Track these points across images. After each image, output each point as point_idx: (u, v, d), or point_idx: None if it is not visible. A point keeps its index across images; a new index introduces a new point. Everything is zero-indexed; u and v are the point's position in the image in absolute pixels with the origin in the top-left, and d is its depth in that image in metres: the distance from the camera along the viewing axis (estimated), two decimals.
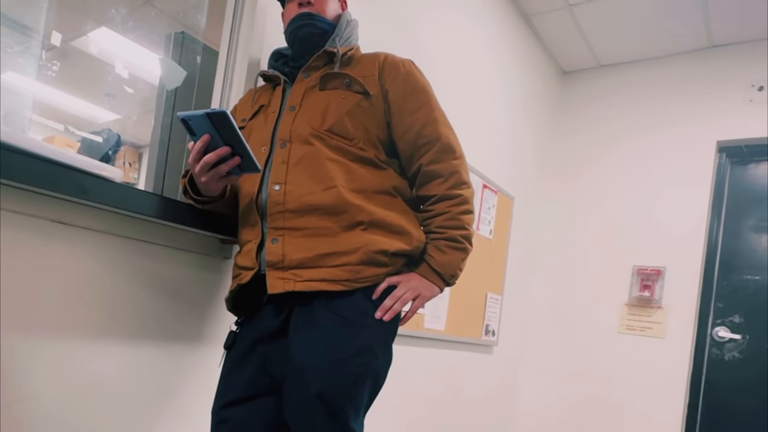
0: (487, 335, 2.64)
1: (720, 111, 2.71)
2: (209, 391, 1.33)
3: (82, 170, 0.96)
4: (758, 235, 2.64)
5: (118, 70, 2.72)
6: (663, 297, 2.74)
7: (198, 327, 1.31)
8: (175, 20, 2.22)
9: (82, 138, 1.28)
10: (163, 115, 1.58)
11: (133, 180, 2.94)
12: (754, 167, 2.72)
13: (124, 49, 2.63)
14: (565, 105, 3.23)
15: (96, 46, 2.56)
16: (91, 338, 1.10)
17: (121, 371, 1.16)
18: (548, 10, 2.66)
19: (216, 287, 1.34)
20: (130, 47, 2.61)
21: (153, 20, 2.26)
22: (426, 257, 1.09)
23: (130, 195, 1.03)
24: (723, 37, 2.69)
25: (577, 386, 2.92)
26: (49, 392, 1.04)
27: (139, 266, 1.18)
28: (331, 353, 0.96)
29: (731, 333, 2.63)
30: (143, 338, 1.19)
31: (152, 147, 1.59)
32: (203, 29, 1.78)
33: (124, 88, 2.96)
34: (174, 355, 1.26)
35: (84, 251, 1.08)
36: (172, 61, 1.59)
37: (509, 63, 2.68)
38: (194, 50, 1.66)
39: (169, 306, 1.24)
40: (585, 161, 3.09)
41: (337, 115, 1.07)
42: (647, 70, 2.96)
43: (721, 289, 2.70)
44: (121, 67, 2.75)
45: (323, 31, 1.14)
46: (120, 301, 1.14)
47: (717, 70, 2.75)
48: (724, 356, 2.64)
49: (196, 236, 1.27)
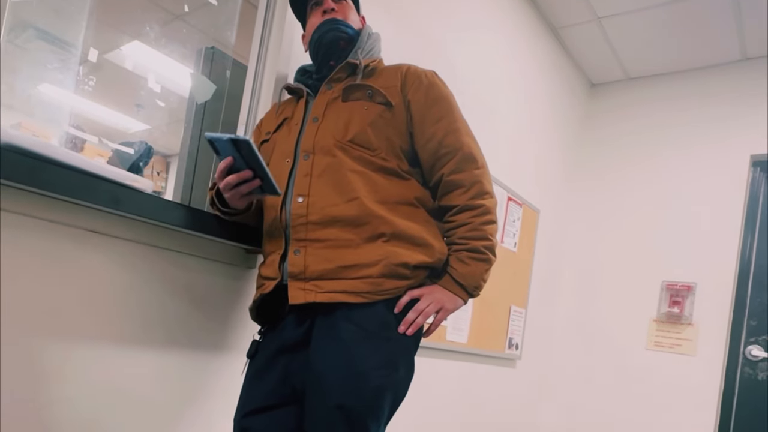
0: (510, 349, 2.60)
1: (754, 124, 2.64)
2: (233, 397, 1.35)
3: (115, 182, 1.00)
4: None
5: (149, 82, 2.81)
6: (693, 313, 2.66)
7: (222, 335, 1.33)
8: (205, 35, 2.29)
9: (114, 149, 1.33)
10: (192, 128, 1.62)
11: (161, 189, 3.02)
12: None
13: (156, 62, 2.72)
14: (593, 117, 3.19)
15: (129, 60, 2.65)
16: (120, 344, 1.13)
17: (148, 377, 1.18)
18: (577, 23, 2.64)
19: (240, 296, 1.37)
20: (161, 60, 2.69)
21: (184, 35, 2.34)
22: (449, 269, 1.08)
23: (160, 206, 1.06)
24: (757, 50, 2.62)
25: (602, 403, 2.85)
26: (79, 396, 1.08)
27: (167, 274, 1.21)
28: (352, 365, 0.97)
29: (765, 352, 2.54)
30: (170, 345, 1.22)
31: (181, 158, 1.64)
32: (233, 44, 1.83)
33: (154, 100, 3.05)
34: (199, 361, 1.28)
35: (115, 260, 1.11)
36: (202, 75, 1.63)
37: (537, 75, 2.67)
38: (224, 65, 1.71)
39: (194, 314, 1.26)
40: (612, 174, 3.04)
41: (360, 126, 1.07)
42: (677, 83, 2.90)
43: (755, 307, 2.61)
44: (152, 79, 2.84)
45: (349, 36, 1.16)
46: (148, 308, 1.17)
47: (750, 82, 2.68)
48: (757, 376, 2.55)
49: (222, 246, 1.30)
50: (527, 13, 2.55)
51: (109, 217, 1.09)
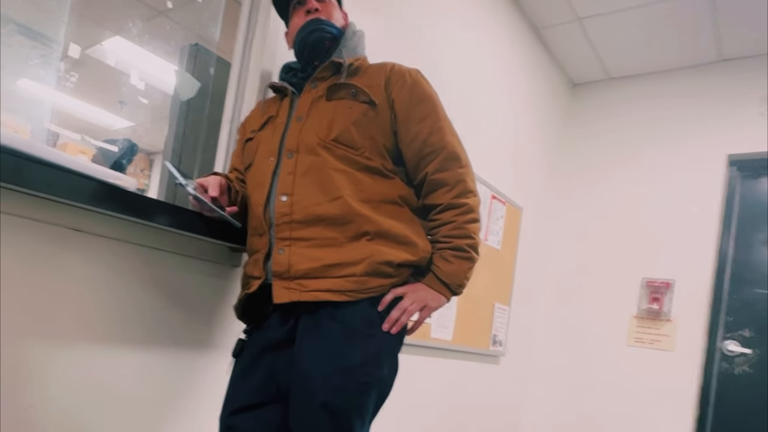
0: (494, 345, 2.63)
1: (731, 124, 2.70)
2: (217, 396, 1.35)
3: (98, 180, 0.99)
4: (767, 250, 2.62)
5: (132, 78, 2.78)
6: (672, 310, 2.72)
7: (206, 334, 1.33)
8: (189, 31, 2.27)
9: (98, 147, 1.31)
10: (176, 125, 1.61)
11: (144, 186, 2.99)
12: (765, 180, 2.70)
13: (139, 59, 2.68)
14: (574, 117, 3.23)
15: (112, 56, 2.62)
16: (104, 343, 1.13)
17: (132, 376, 1.18)
18: (558, 23, 2.68)
19: (224, 295, 1.37)
20: (144, 57, 2.66)
21: (168, 32, 2.31)
22: (432, 267, 1.09)
23: (143, 204, 1.05)
24: (733, 51, 2.68)
25: (584, 398, 2.90)
26: (63, 396, 1.07)
27: (151, 273, 1.20)
28: (336, 363, 0.97)
29: (741, 347, 2.60)
30: (154, 344, 1.22)
31: (165, 155, 1.63)
32: (217, 41, 1.82)
33: (137, 96, 3.01)
34: (184, 360, 1.28)
35: (98, 258, 1.11)
36: (186, 72, 1.63)
37: (520, 75, 2.70)
38: (208, 61, 1.70)
39: (178, 313, 1.26)
40: (594, 173, 3.09)
41: (343, 125, 1.08)
42: (657, 83, 2.96)
43: (732, 303, 2.67)
44: (135, 76, 2.80)
45: (333, 35, 1.16)
46: (131, 306, 1.17)
47: (728, 83, 2.74)
48: (733, 370, 2.61)
49: (206, 244, 1.30)
50: (510, 13, 2.58)
51: (92, 216, 1.09)
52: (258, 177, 1.13)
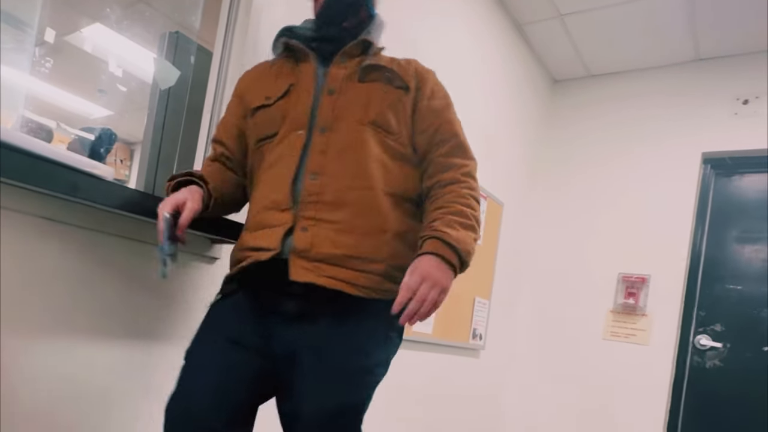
0: (474, 339, 2.66)
1: (706, 123, 2.77)
2: None
3: (74, 168, 0.97)
4: (741, 245, 2.69)
5: (111, 66, 2.72)
6: (647, 305, 2.78)
7: (185, 325, 1.32)
8: (169, 19, 2.23)
9: (74, 135, 1.28)
10: (156, 114, 1.58)
11: (125, 177, 2.93)
12: (738, 179, 2.77)
13: (118, 46, 2.63)
14: (555, 113, 3.27)
15: (90, 43, 2.56)
16: (79, 335, 1.11)
17: (109, 368, 1.16)
18: (540, 19, 2.70)
19: (204, 287, 1.35)
20: (124, 44, 2.61)
21: (148, 19, 2.27)
22: (438, 234, 1.00)
23: (120, 193, 1.04)
24: (710, 51, 2.74)
25: (562, 391, 2.95)
26: (37, 389, 1.05)
27: (128, 264, 1.18)
28: (362, 360, 1.00)
29: (713, 341, 2.68)
30: (130, 336, 1.20)
31: (144, 145, 1.60)
32: (198, 29, 1.79)
33: (117, 85, 2.95)
34: (161, 352, 1.27)
35: (73, 248, 1.09)
36: (166, 60, 1.60)
37: (502, 70, 2.72)
38: (188, 50, 1.67)
39: (156, 304, 1.25)
40: (574, 169, 3.13)
41: (380, 108, 1.06)
42: (636, 81, 3.01)
43: (704, 298, 2.74)
44: (114, 64, 2.75)
45: (369, 12, 1.14)
46: (107, 298, 1.15)
47: (704, 82, 2.80)
48: (705, 364, 2.69)
49: (187, 236, 1.28)
50: (492, 9, 2.59)
51: (68, 205, 1.06)
52: (283, 149, 1.06)
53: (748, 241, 2.68)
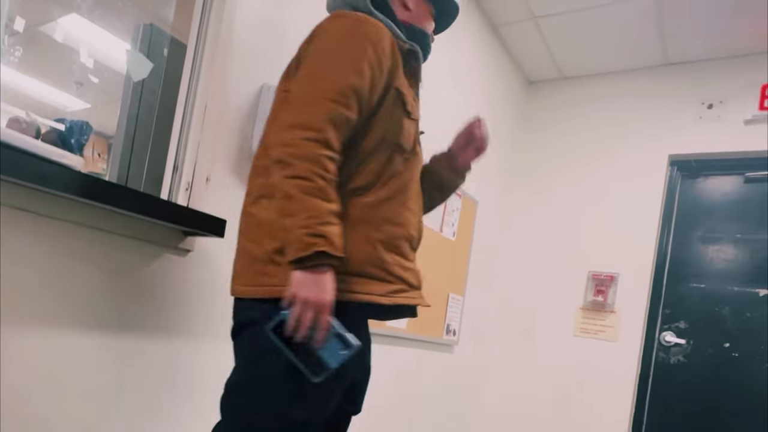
0: (448, 335, 2.70)
1: (673, 126, 2.85)
2: (169, 380, 1.35)
3: (42, 157, 0.97)
4: (704, 246, 2.79)
5: (88, 58, 2.68)
6: (616, 302, 2.86)
7: (157, 318, 1.32)
8: (142, 11, 2.20)
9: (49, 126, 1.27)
10: (129, 106, 1.58)
11: (102, 171, 2.89)
12: (702, 181, 2.87)
13: (94, 37, 2.59)
14: (530, 114, 3.33)
15: (65, 34, 2.51)
16: (51, 327, 1.10)
17: (80, 361, 1.16)
18: (515, 21, 2.75)
19: (176, 279, 1.36)
20: (99, 35, 2.57)
21: (120, 9, 2.24)
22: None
23: (90, 184, 1.04)
24: (678, 56, 2.83)
25: (534, 386, 3.01)
26: (11, 383, 1.04)
27: (100, 256, 1.18)
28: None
29: (677, 338, 2.77)
30: (103, 329, 1.20)
31: (117, 137, 1.59)
32: (171, 21, 1.78)
33: (94, 77, 2.91)
34: (134, 345, 1.27)
35: (44, 240, 1.08)
36: (139, 52, 1.59)
37: (476, 71, 2.76)
38: (162, 42, 1.66)
39: (128, 296, 1.25)
40: (547, 169, 3.20)
41: None
42: (608, 84, 3.08)
43: (669, 296, 2.83)
44: (91, 56, 2.71)
45: None
46: (80, 290, 1.15)
47: (672, 86, 2.89)
48: (670, 360, 2.78)
49: (158, 227, 1.29)
50: (468, 9, 2.63)
51: (38, 195, 1.06)
52: (412, 176, 1.07)
53: (710, 242, 2.78)
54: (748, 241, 2.68)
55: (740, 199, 2.73)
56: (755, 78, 2.66)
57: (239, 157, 1.51)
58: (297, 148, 0.88)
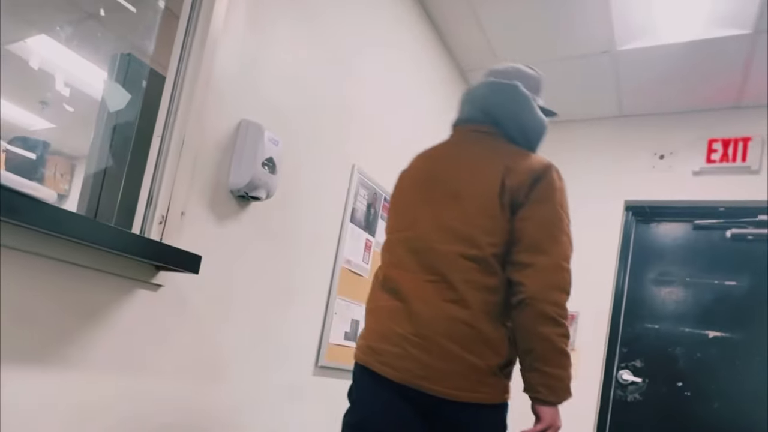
0: None
1: (628, 173, 3.02)
2: (130, 416, 1.29)
3: (12, 189, 0.94)
4: (657, 287, 2.92)
5: (56, 79, 2.63)
6: (576, 340, 2.93)
7: (125, 354, 1.27)
8: (121, 41, 2.20)
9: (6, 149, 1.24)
10: (102, 135, 1.55)
11: (64, 191, 2.79)
12: (655, 226, 3.02)
13: (64, 60, 2.55)
14: None
15: (34, 54, 2.47)
16: (12, 362, 1.05)
17: (43, 396, 1.11)
18: (482, 68, 2.88)
19: (147, 315, 1.32)
20: (70, 58, 2.53)
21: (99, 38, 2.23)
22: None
23: (62, 217, 1.01)
24: (632, 109, 3.02)
25: None
26: None
27: (66, 290, 1.14)
28: None
29: (633, 376, 2.85)
30: (66, 364, 1.15)
31: (89, 165, 1.56)
32: (151, 53, 1.78)
33: (61, 98, 2.84)
34: (98, 380, 1.22)
35: (10, 272, 1.04)
36: (116, 83, 1.58)
37: (448, 114, 2.85)
38: (140, 73, 1.66)
39: (95, 333, 1.20)
40: None
41: None
42: (567, 131, 3.24)
43: (626, 335, 2.93)
44: (59, 77, 2.66)
45: None
46: (43, 325, 1.10)
47: (627, 137, 3.07)
48: (627, 397, 2.85)
49: (129, 261, 1.26)
50: (439, 54, 2.74)
51: (6, 227, 1.02)
52: None
53: (663, 284, 2.91)
54: (697, 285, 2.83)
55: (689, 245, 2.90)
56: (703, 133, 2.86)
57: (215, 192, 1.51)
58: (564, 311, 1.14)
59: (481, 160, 1.21)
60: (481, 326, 1.12)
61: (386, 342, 1.15)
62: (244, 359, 1.64)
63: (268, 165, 1.55)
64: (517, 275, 1.13)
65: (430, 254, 1.16)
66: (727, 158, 2.77)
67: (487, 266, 1.14)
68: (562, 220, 1.18)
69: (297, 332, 1.86)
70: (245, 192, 1.53)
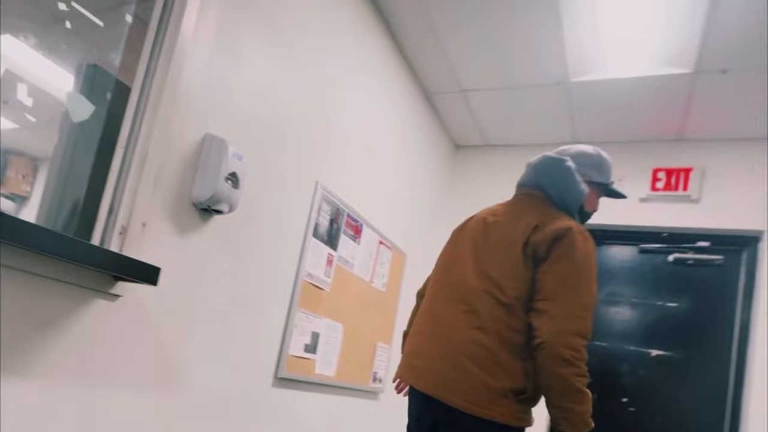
0: (374, 382, 2.73)
1: None
2: (87, 426, 1.29)
3: None
4: (606, 307, 3.07)
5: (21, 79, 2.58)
6: None
7: (82, 364, 1.27)
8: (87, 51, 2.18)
9: None
10: (65, 144, 1.55)
11: (26, 193, 2.72)
12: (605, 248, 3.18)
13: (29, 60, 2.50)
14: (457, 176, 3.56)
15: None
16: None
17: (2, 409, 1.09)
18: (445, 91, 3.00)
19: (105, 325, 1.32)
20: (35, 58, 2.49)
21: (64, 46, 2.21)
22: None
23: (20, 227, 1.02)
24: (584, 136, 3.19)
25: None
26: None
27: (22, 299, 1.14)
28: None
29: None
30: (25, 376, 1.14)
31: (51, 171, 1.55)
32: (118, 63, 1.79)
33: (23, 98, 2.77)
34: (55, 392, 1.21)
35: None
36: (80, 95, 1.59)
37: (411, 134, 2.95)
38: (105, 83, 1.66)
39: (51, 343, 1.20)
40: None
41: None
42: (524, 154, 3.38)
43: None
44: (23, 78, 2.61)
45: None
46: (2, 335, 1.10)
47: None
48: None
49: (87, 271, 1.26)
50: (406, 79, 2.84)
51: None
52: None
53: (611, 304, 3.06)
54: (642, 305, 2.98)
55: (635, 268, 3.06)
56: (648, 162, 3.05)
57: (178, 204, 1.52)
58: (578, 353, 1.26)
59: (520, 217, 1.44)
60: (498, 352, 1.31)
61: (421, 358, 1.43)
62: (202, 370, 1.65)
63: (232, 179, 1.59)
64: (535, 321, 1.30)
65: (467, 290, 1.41)
66: (671, 187, 2.95)
67: (511, 309, 1.34)
68: (581, 275, 1.32)
69: (257, 344, 1.88)
70: (208, 205, 1.55)
